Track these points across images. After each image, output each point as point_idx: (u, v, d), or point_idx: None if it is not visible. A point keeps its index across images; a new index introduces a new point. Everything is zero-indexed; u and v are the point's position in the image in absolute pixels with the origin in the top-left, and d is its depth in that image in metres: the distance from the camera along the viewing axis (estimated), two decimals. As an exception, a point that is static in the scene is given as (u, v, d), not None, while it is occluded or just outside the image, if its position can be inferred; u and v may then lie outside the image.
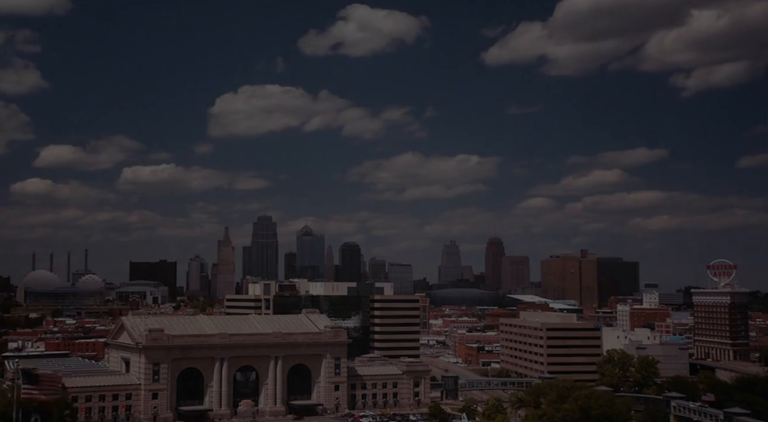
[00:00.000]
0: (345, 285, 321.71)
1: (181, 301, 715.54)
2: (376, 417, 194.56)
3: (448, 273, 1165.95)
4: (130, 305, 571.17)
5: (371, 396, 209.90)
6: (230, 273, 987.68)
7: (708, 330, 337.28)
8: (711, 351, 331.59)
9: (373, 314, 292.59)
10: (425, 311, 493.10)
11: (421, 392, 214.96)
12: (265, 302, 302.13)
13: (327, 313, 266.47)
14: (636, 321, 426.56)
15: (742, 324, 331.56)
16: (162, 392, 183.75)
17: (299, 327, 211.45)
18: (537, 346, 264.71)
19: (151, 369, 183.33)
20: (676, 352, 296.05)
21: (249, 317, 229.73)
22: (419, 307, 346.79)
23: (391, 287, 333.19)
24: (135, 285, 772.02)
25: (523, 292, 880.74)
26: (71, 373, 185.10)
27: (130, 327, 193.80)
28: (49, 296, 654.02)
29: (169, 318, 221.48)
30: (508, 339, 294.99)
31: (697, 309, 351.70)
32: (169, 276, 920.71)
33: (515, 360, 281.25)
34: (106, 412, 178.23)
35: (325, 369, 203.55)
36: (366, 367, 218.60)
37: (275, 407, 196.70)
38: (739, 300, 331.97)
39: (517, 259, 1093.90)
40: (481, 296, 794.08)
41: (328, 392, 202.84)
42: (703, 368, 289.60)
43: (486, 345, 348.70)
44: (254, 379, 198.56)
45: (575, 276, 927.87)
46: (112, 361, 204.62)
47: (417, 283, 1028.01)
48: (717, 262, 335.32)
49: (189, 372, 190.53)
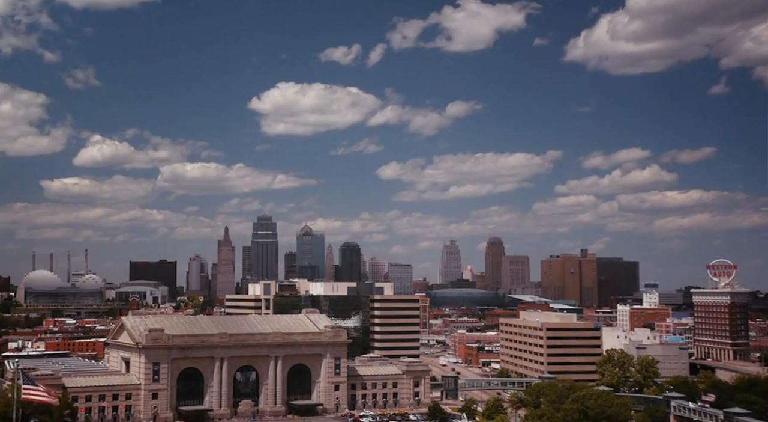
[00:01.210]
0: (345, 285, 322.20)
1: (181, 301, 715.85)
2: (376, 417, 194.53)
3: (448, 273, 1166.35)
4: (130, 305, 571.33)
5: (371, 396, 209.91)
6: (230, 273, 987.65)
7: (708, 330, 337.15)
8: (711, 351, 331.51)
9: (373, 315, 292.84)
10: (425, 311, 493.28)
11: (421, 392, 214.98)
12: (265, 302, 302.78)
13: (327, 313, 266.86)
14: (636, 321, 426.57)
15: (742, 324, 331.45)
16: (162, 392, 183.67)
17: (299, 327, 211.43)
18: (537, 346, 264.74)
19: (151, 369, 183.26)
20: (676, 352, 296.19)
21: (249, 317, 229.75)
22: (419, 307, 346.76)
23: (391, 287, 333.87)
24: (135, 285, 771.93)
25: (523, 292, 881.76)
26: (71, 373, 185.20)
27: (130, 327, 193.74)
28: (49, 296, 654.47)
29: (169, 318, 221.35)
30: (508, 339, 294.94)
31: (697, 309, 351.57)
32: (169, 276, 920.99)
33: (515, 360, 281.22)
34: (106, 412, 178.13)
35: (325, 369, 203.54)
36: (366, 367, 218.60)
37: (275, 407, 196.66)
38: (739, 300, 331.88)
39: (517, 259, 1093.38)
40: (481, 296, 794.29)
41: (328, 392, 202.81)
42: (703, 368, 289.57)
43: (486, 345, 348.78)
44: (254, 379, 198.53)
45: (575, 276, 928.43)
46: (112, 361, 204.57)
47: (417, 283, 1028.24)
48: (717, 262, 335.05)
49: (189, 372, 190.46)
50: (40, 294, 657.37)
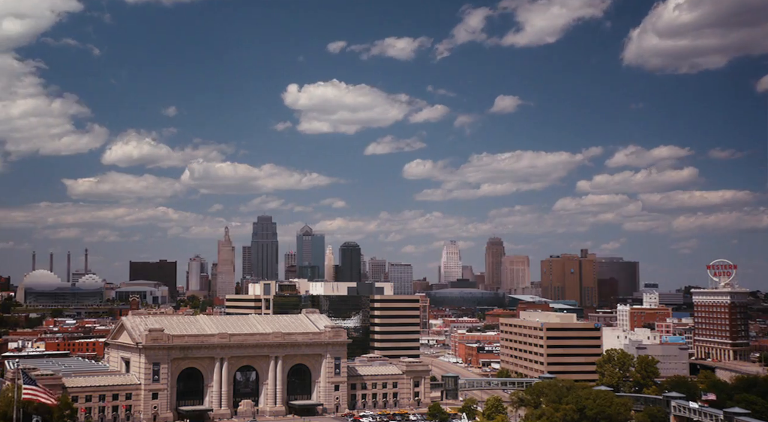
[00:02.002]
0: (345, 285, 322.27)
1: (181, 301, 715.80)
2: (376, 417, 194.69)
3: (448, 273, 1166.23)
4: (130, 305, 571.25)
5: (371, 396, 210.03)
6: (230, 273, 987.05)
7: (708, 330, 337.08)
8: (711, 351, 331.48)
9: (373, 315, 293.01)
10: (425, 311, 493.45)
11: (421, 392, 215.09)
12: (265, 302, 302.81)
13: (327, 313, 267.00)
14: (636, 320, 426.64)
15: (742, 324, 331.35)
16: (162, 392, 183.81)
17: (299, 327, 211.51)
18: (537, 346, 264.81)
19: (151, 369, 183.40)
20: (676, 352, 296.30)
21: (249, 317, 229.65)
22: (419, 307, 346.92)
23: (391, 287, 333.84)
24: (135, 285, 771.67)
25: (523, 292, 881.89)
26: (71, 373, 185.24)
27: (130, 327, 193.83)
28: (49, 296, 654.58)
29: (169, 318, 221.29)
30: (508, 339, 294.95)
31: (697, 309, 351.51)
32: (169, 276, 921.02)
33: (515, 360, 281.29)
34: (106, 412, 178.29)
35: (325, 369, 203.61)
36: (366, 367, 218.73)
37: (275, 407, 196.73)
38: (739, 300, 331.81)
39: (516, 259, 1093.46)
40: (481, 296, 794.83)
41: (328, 392, 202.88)
42: (703, 368, 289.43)
43: (486, 345, 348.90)
44: (254, 379, 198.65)
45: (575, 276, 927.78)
46: (112, 361, 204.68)
47: (417, 283, 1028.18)
48: (717, 262, 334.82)
49: (189, 372, 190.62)
50: (40, 294, 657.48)
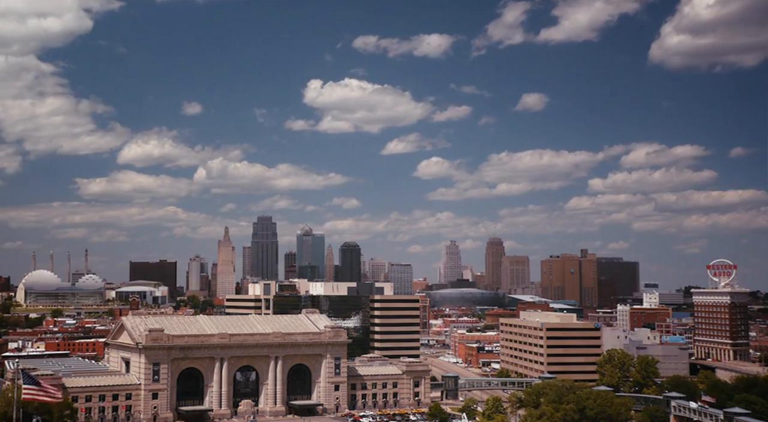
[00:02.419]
0: (345, 285, 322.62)
1: (181, 301, 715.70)
2: (376, 417, 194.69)
3: (448, 273, 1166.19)
4: (130, 305, 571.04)
5: (371, 396, 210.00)
6: (230, 273, 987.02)
7: (708, 330, 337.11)
8: (711, 351, 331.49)
9: (373, 315, 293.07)
10: (425, 311, 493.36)
11: (421, 392, 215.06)
12: (265, 302, 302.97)
13: (327, 313, 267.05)
14: (636, 321, 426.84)
15: (742, 324, 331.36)
16: (162, 392, 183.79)
17: (299, 327, 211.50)
18: (537, 346, 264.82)
19: (151, 369, 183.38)
20: (676, 352, 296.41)
21: (249, 317, 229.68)
22: (419, 307, 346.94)
23: (391, 287, 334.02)
24: (135, 285, 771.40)
25: (523, 292, 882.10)
26: (71, 373, 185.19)
27: (130, 327, 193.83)
28: (49, 296, 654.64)
29: (169, 318, 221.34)
30: (508, 339, 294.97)
31: (697, 309, 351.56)
32: (169, 276, 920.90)
33: (515, 360, 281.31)
34: (106, 412, 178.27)
35: (325, 369, 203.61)
36: (366, 367, 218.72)
37: (275, 407, 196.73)
38: (739, 300, 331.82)
39: (516, 259, 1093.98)
40: (481, 296, 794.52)
41: (328, 392, 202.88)
42: (703, 368, 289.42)
43: (486, 345, 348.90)
44: (254, 379, 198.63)
45: (575, 276, 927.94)
46: (112, 361, 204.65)
47: (417, 283, 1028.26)
48: (717, 262, 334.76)
49: (189, 372, 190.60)
50: (40, 294, 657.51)
